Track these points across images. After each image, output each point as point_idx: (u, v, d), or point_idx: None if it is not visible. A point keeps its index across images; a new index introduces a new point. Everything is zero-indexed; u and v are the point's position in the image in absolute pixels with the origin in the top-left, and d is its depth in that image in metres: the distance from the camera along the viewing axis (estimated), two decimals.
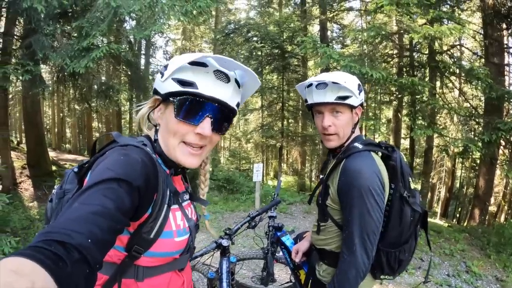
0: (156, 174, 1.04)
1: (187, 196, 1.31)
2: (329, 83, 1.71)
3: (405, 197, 1.65)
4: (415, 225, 1.73)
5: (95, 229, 0.75)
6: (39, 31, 7.31)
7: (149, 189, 1.00)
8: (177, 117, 1.07)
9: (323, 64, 7.38)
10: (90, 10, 7.43)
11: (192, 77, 1.06)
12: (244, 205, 9.63)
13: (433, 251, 6.16)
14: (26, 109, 12.41)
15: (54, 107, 26.78)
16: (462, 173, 20.64)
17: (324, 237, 1.86)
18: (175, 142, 1.12)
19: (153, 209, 1.05)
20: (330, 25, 16.99)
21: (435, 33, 6.09)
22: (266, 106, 18.99)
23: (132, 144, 1.05)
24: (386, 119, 18.99)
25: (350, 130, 1.80)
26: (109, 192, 0.85)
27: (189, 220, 1.24)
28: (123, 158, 0.97)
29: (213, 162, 18.63)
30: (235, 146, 31.25)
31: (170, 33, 24.66)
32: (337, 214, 1.75)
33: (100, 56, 6.90)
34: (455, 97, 11.99)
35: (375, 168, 1.62)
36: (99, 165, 0.96)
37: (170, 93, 1.08)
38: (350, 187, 1.61)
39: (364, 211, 1.57)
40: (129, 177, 0.91)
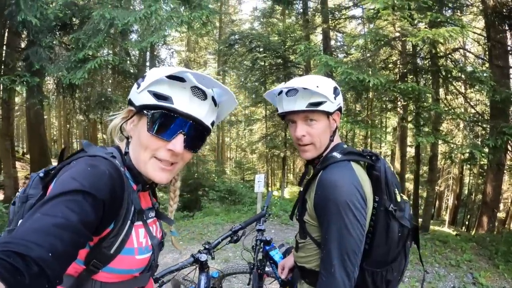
0: (123, 188, 1.00)
1: (153, 213, 1.24)
2: (299, 89, 1.54)
3: (391, 211, 1.48)
4: (404, 242, 1.55)
5: (56, 242, 0.73)
6: (37, 43, 7.36)
7: (114, 203, 0.96)
8: (150, 131, 1.04)
9: (322, 71, 7.28)
10: (87, 22, 7.47)
11: (168, 91, 1.04)
12: (245, 216, 9.45)
13: (438, 262, 5.94)
14: (30, 120, 12.60)
15: (60, 118, 27.03)
16: (470, 179, 20.25)
17: (303, 254, 1.67)
18: (146, 157, 1.08)
19: (115, 224, 1.01)
20: (333, 33, 16.92)
21: (433, 36, 5.95)
22: (269, 116, 18.95)
23: (100, 155, 1.00)
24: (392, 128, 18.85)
25: (327, 139, 1.62)
26: (73, 204, 0.82)
27: (153, 238, 1.18)
28: (90, 169, 0.93)
29: (217, 173, 18.56)
30: (240, 157, 31.25)
31: (175, 44, 24.87)
32: (316, 231, 1.56)
33: (96, 67, 6.90)
34: (461, 104, 11.81)
35: (354, 180, 1.44)
36: (64, 174, 0.93)
37: (144, 106, 1.05)
38: (326, 201, 1.43)
39: (342, 229, 1.39)
40: (94, 189, 0.88)
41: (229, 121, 24.25)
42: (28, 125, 13.42)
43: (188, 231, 7.84)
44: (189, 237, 7.33)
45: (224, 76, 25.45)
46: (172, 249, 6.42)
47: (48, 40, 7.48)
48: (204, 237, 7.31)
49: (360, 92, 9.14)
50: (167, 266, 5.44)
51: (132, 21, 6.97)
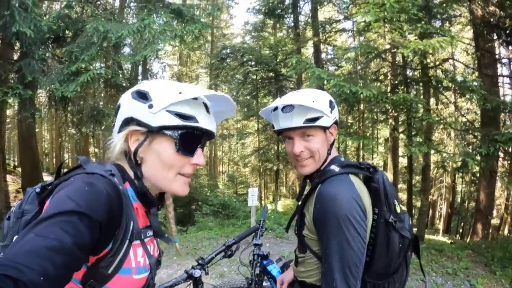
0: (121, 208, 0.98)
1: (151, 232, 1.21)
2: (295, 105, 1.52)
3: (391, 222, 1.47)
4: (405, 253, 1.54)
5: (48, 266, 0.71)
6: (30, 55, 7.33)
7: (112, 224, 0.94)
8: (179, 151, 1.07)
9: (314, 84, 7.31)
10: (81, 35, 7.46)
11: (190, 111, 1.06)
12: (239, 231, 9.32)
13: (435, 271, 5.92)
14: (21, 133, 12.47)
15: (52, 131, 26.81)
16: (462, 187, 20.37)
17: (304, 268, 1.65)
18: (172, 175, 1.10)
19: (113, 244, 0.98)
20: (323, 47, 17.12)
21: (424, 47, 6.02)
22: (261, 129, 18.96)
23: (98, 172, 0.98)
24: (384, 138, 18.97)
25: (325, 152, 1.61)
26: (68, 225, 0.80)
27: (150, 257, 1.16)
28: (87, 187, 0.90)
29: (209, 187, 18.45)
30: (233, 171, 31.14)
31: (167, 58, 24.95)
32: (315, 245, 1.54)
33: (88, 80, 6.87)
34: (451, 113, 11.94)
35: (353, 193, 1.43)
36: (61, 191, 0.91)
37: (165, 126, 1.04)
38: (326, 215, 1.42)
39: (343, 242, 1.37)
40: (90, 210, 0.85)
41: (221, 135, 24.24)
42: (19, 138, 13.28)
43: (182, 246, 7.73)
44: (183, 252, 7.23)
45: (216, 90, 25.40)
46: (166, 265, 6.33)
47: (41, 52, 7.48)
48: (198, 252, 7.22)
49: (352, 104, 9.22)
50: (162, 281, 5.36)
51: (126, 35, 6.98)
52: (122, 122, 1.09)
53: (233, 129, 28.33)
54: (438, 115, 8.90)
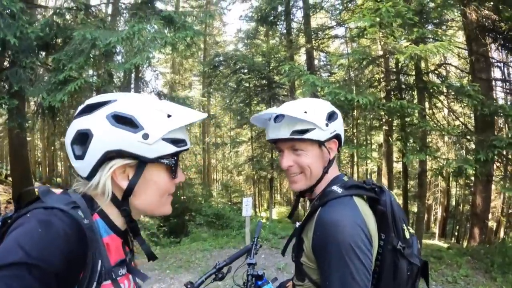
0: (85, 247, 0.86)
1: (124, 270, 1.07)
2: (286, 116, 1.39)
3: (399, 249, 1.32)
4: (413, 281, 1.38)
5: None
6: (17, 64, 7.20)
7: (72, 269, 0.84)
8: (175, 178, 1.05)
9: (308, 92, 7.23)
10: (69, 42, 7.34)
11: (182, 135, 1.02)
12: (234, 241, 9.25)
13: (435, 280, 5.87)
14: (12, 142, 12.32)
15: (44, 140, 26.54)
16: (457, 191, 20.48)
17: None
18: (165, 199, 1.08)
19: None
20: (316, 53, 17.13)
21: (421, 52, 5.96)
22: (255, 137, 18.91)
23: (58, 207, 0.86)
24: (378, 144, 18.99)
25: (320, 169, 1.45)
26: (15, 281, 0.71)
27: None
28: (41, 230, 0.79)
29: (203, 196, 18.29)
30: (227, 179, 31.05)
31: (160, 66, 24.93)
32: (315, 274, 1.37)
33: (76, 89, 6.73)
34: (445, 116, 11.95)
35: (358, 219, 1.27)
36: (12, 233, 0.81)
37: (163, 156, 0.98)
38: (327, 244, 1.26)
39: (346, 275, 1.21)
40: (43, 260, 0.76)
41: (214, 143, 24.17)
42: (10, 147, 13.15)
43: (175, 258, 7.59)
44: (176, 265, 7.09)
45: (209, 98, 25.53)
46: (159, 278, 6.19)
47: (29, 60, 7.31)
48: (191, 264, 7.10)
49: (347, 112, 9.15)
50: None
51: (114, 42, 6.86)
52: (102, 156, 0.92)
53: (226, 137, 28.25)
54: (432, 119, 8.86)
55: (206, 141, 25.69)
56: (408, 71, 9.41)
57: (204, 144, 25.16)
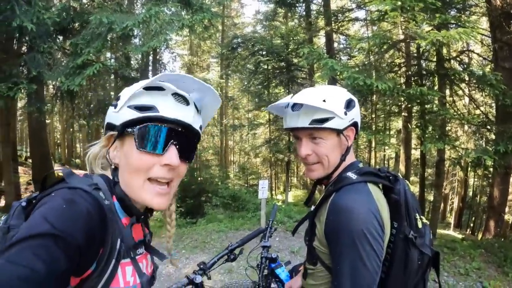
0: (105, 226, 0.90)
1: (142, 249, 1.13)
2: (304, 104, 1.39)
3: (411, 238, 1.32)
4: (424, 271, 1.38)
5: None
6: (35, 49, 7.29)
7: (93, 245, 0.87)
8: (140, 148, 0.96)
9: (327, 76, 7.11)
10: (86, 27, 7.38)
11: (150, 101, 0.97)
12: (249, 223, 9.32)
13: (447, 271, 5.83)
14: (31, 125, 12.62)
15: (63, 122, 27.09)
16: (474, 181, 20.08)
17: (313, 282, 1.49)
18: (139, 181, 0.99)
19: (97, 264, 0.91)
20: (336, 36, 16.83)
21: (443, 38, 5.78)
22: (273, 120, 18.83)
23: (81, 187, 0.90)
24: (396, 130, 18.69)
25: (337, 158, 1.45)
26: (42, 251, 0.73)
27: (142, 276, 1.08)
28: (66, 206, 0.83)
29: (220, 178, 18.43)
30: (244, 161, 31.17)
31: (177, 48, 24.88)
32: (327, 258, 1.39)
33: (95, 73, 6.81)
34: (465, 105, 11.65)
35: (371, 205, 1.28)
36: (38, 210, 0.84)
37: (126, 123, 0.97)
38: (339, 230, 1.27)
39: (357, 261, 1.22)
40: (68, 233, 0.78)
41: (232, 125, 24.21)
42: (30, 130, 13.55)
43: (191, 239, 7.71)
44: (191, 246, 7.19)
45: (227, 80, 25.44)
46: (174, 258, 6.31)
47: (46, 45, 7.41)
48: (207, 245, 7.19)
49: (366, 97, 9.00)
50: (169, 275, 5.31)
51: (131, 25, 6.87)
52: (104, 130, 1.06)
53: (244, 119, 28.27)
54: (452, 108, 8.65)
55: (223, 122, 25.71)
56: (429, 57, 9.16)
57: (221, 125, 25.20)
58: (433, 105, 7.76)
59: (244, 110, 27.05)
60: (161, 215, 1.28)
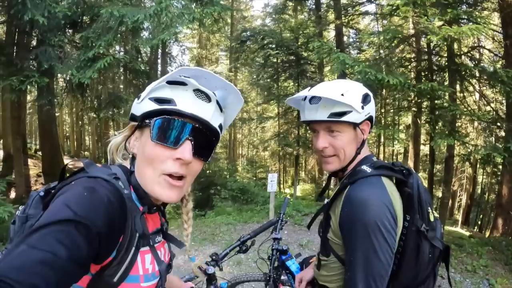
0: (124, 214, 0.92)
1: (160, 237, 1.15)
2: (323, 98, 1.41)
3: (423, 231, 1.35)
4: (434, 264, 1.41)
5: (40, 283, 0.66)
6: (46, 42, 7.35)
7: (113, 232, 0.88)
8: (153, 140, 0.96)
9: (338, 70, 7.08)
10: (97, 20, 7.43)
11: (169, 94, 0.98)
12: (258, 216, 9.37)
13: (454, 268, 5.81)
14: (41, 119, 12.74)
15: (72, 115, 27.34)
16: (483, 179, 19.84)
17: (326, 273, 1.54)
18: (153, 174, 0.99)
19: (117, 252, 0.93)
20: (346, 30, 16.69)
21: (455, 34, 5.71)
22: (282, 113, 18.80)
23: (101, 177, 0.91)
24: (405, 125, 18.55)
25: (353, 151, 1.49)
26: (64, 236, 0.74)
27: (160, 263, 1.10)
28: (87, 194, 0.84)
29: (229, 171, 18.49)
30: (252, 154, 31.20)
31: (186, 41, 24.91)
32: (341, 250, 1.44)
33: (106, 66, 6.86)
34: (476, 101, 11.52)
35: (385, 198, 1.31)
36: (59, 197, 0.85)
37: (145, 114, 0.99)
38: (354, 222, 1.31)
39: (370, 252, 1.27)
40: (89, 220, 0.79)
41: (241, 118, 24.21)
42: (39, 123, 13.67)
43: (200, 231, 7.78)
44: (201, 238, 7.26)
45: (236, 73, 25.43)
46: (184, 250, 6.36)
47: (57, 39, 7.47)
48: (216, 237, 7.25)
49: (376, 91, 8.95)
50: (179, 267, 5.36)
51: (142, 19, 6.91)
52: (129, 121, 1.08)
53: (253, 112, 28.24)
54: (463, 103, 8.57)
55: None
56: (440, 52, 9.06)
57: None
58: (443, 101, 7.68)
59: (253, 104, 27.01)
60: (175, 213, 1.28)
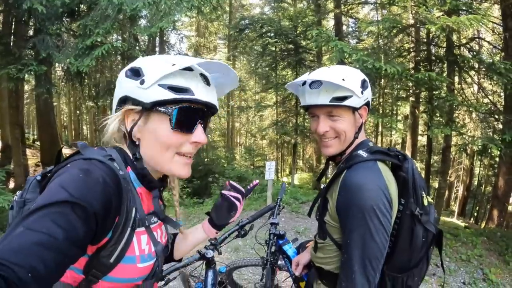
0: (120, 195, 0.93)
1: (156, 218, 1.16)
2: (324, 82, 1.44)
3: (417, 215, 1.39)
4: (427, 247, 1.46)
5: (38, 264, 0.68)
6: (44, 31, 7.30)
7: (109, 213, 0.89)
8: (174, 128, 0.99)
9: (336, 59, 7.08)
10: (95, 8, 7.36)
11: (184, 83, 0.98)
12: (255, 204, 9.45)
13: (449, 256, 5.92)
14: (39, 108, 12.68)
15: (70, 104, 27.21)
16: (480, 170, 19.94)
17: (322, 255, 1.60)
18: (169, 156, 1.03)
19: (113, 233, 0.95)
20: (345, 19, 16.60)
21: (453, 24, 5.71)
22: (280, 102, 18.78)
23: (96, 158, 0.93)
24: (403, 115, 18.59)
25: (352, 135, 1.53)
26: (60, 217, 0.75)
27: (156, 244, 1.12)
28: (82, 175, 0.85)
29: (227, 159, 18.55)
30: (250, 143, 31.21)
31: (184, 29, 24.69)
32: (337, 233, 1.49)
33: (104, 54, 6.83)
34: (474, 93, 11.54)
35: (381, 183, 1.35)
36: (55, 180, 0.86)
37: (159, 102, 0.97)
38: (350, 205, 1.35)
39: (366, 234, 1.31)
40: (85, 201, 0.81)
41: (239, 107, 24.15)
42: (37, 112, 13.61)
43: (198, 218, 7.85)
44: None
45: (234, 62, 25.29)
46: None
47: (55, 27, 7.43)
48: None
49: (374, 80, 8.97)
50: None
51: (141, 6, 6.87)
52: (117, 102, 1.05)
53: (251, 100, 28.17)
54: (461, 95, 8.59)
55: (230, 104, 25.65)
56: (439, 43, 9.04)
57: (228, 107, 25.15)
58: (441, 91, 7.70)
59: (251, 92, 26.91)
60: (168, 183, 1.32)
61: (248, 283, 4.26)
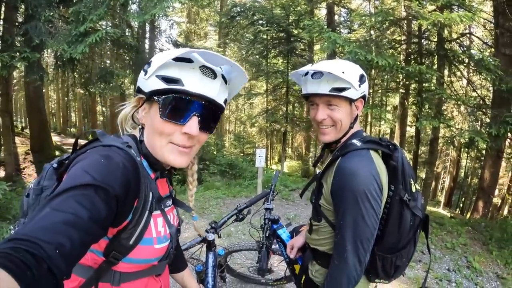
0: (138, 179, 0.99)
1: (170, 201, 1.25)
2: (325, 73, 1.55)
3: (405, 200, 1.51)
4: (414, 230, 1.59)
5: (65, 241, 0.71)
6: (36, 17, 7.21)
7: (129, 196, 0.94)
8: (163, 117, 1.02)
9: (328, 49, 7.13)
10: None
11: (177, 74, 1.00)
12: (246, 191, 9.57)
13: (435, 244, 6.05)
14: (29, 95, 12.50)
15: (58, 91, 26.81)
16: (467, 163, 20.33)
17: (317, 237, 1.74)
18: (162, 143, 1.06)
19: (133, 215, 1.00)
20: (337, 9, 16.57)
21: (444, 20, 5.80)
22: (271, 90, 18.78)
23: (115, 145, 0.98)
24: (393, 106, 18.73)
25: (348, 124, 1.65)
26: (84, 199, 0.80)
27: (171, 226, 1.19)
28: (103, 161, 0.91)
29: (216, 146, 18.55)
30: (240, 130, 31.15)
31: (175, 16, 24.30)
32: (331, 215, 1.62)
33: (97, 41, 6.78)
34: (463, 86, 11.69)
35: (372, 169, 1.47)
36: (77, 165, 0.91)
37: (154, 92, 1.03)
38: (344, 190, 1.48)
39: (358, 217, 1.44)
40: (107, 184, 0.85)
41: None
42: (27, 100, 13.36)
43: None
44: None
45: (225, 49, 25.06)
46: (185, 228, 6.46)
47: (47, 14, 7.31)
48: (205, 211, 7.35)
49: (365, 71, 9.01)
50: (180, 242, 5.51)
51: None
52: (136, 90, 1.12)
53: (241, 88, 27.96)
54: (450, 88, 8.73)
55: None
56: (430, 37, 9.13)
57: None
58: (430, 84, 7.80)
59: None
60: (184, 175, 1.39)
61: (240, 267, 4.36)
